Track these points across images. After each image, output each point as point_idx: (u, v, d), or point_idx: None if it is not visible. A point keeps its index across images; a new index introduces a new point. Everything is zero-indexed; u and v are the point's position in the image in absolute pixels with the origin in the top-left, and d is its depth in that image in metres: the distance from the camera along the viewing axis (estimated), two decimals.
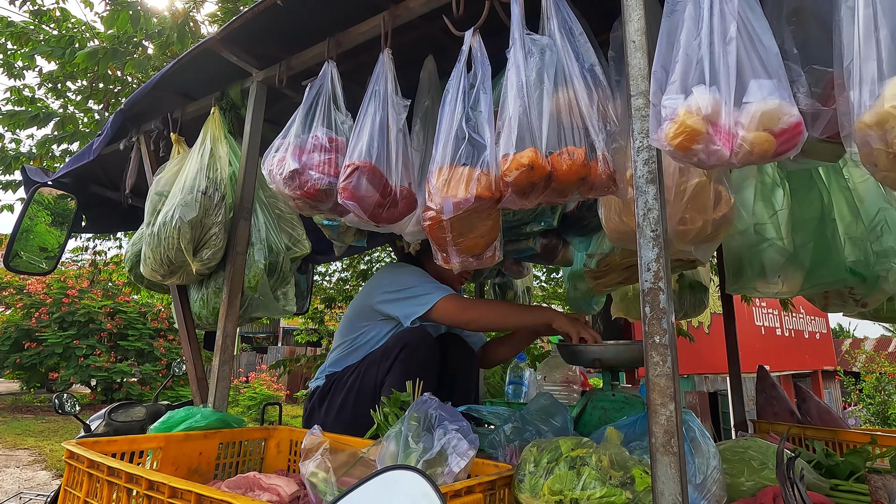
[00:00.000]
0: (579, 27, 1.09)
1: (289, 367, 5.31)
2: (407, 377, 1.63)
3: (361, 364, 1.83)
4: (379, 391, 1.71)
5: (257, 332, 18.10)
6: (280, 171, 1.28)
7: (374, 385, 1.74)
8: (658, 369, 0.79)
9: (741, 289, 1.77)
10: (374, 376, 1.75)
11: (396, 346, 1.74)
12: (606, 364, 1.82)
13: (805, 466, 1.23)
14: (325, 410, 1.83)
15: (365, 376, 1.77)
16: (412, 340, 1.73)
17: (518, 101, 1.03)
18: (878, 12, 0.71)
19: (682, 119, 0.77)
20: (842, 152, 1.18)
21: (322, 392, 1.89)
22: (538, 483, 0.96)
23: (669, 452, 0.77)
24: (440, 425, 1.06)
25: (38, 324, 9.26)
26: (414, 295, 1.83)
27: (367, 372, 1.78)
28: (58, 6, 4.00)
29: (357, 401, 1.76)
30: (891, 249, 1.50)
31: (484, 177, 1.07)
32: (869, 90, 0.72)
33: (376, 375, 1.74)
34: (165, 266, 1.60)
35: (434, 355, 1.76)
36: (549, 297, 5.72)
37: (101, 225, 2.91)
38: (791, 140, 0.79)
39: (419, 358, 1.70)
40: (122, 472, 0.96)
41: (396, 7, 1.39)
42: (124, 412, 1.99)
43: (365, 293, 2.01)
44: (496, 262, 1.23)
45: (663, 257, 0.82)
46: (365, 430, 1.48)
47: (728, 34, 0.79)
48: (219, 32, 1.57)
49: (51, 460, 5.63)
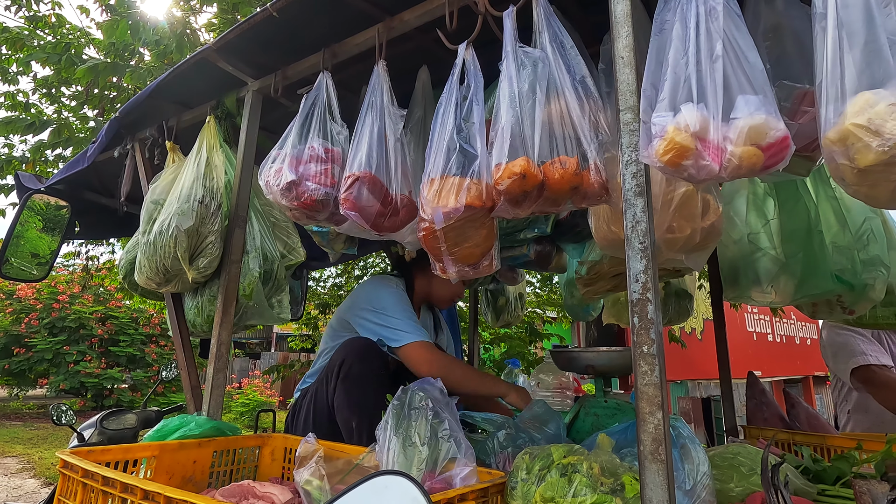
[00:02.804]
0: (570, 40, 1.11)
1: (282, 373, 5.30)
2: (350, 393, 1.61)
3: (314, 383, 1.78)
4: (331, 410, 1.66)
5: (250, 337, 17.97)
6: (277, 182, 1.29)
7: (327, 406, 1.69)
8: (646, 378, 0.81)
9: (738, 297, 1.80)
10: (324, 397, 1.70)
11: (335, 363, 1.68)
12: (599, 370, 1.84)
13: (792, 472, 1.25)
14: (294, 428, 1.79)
15: (318, 396, 1.72)
16: (347, 355, 1.66)
17: (511, 112, 1.05)
18: (843, 35, 0.75)
19: (671, 136, 0.79)
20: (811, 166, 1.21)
21: (294, 407, 1.85)
22: (530, 490, 0.98)
23: (657, 460, 0.78)
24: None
25: (27, 329, 9.15)
26: (388, 325, 1.77)
27: (318, 393, 1.73)
28: (53, 12, 4.00)
29: (315, 421, 1.71)
30: (877, 258, 1.53)
31: (474, 186, 1.08)
32: (834, 108, 0.75)
33: (326, 396, 1.69)
34: (161, 274, 1.60)
35: (372, 365, 1.66)
36: (543, 302, 5.75)
37: (94, 231, 2.90)
38: (778, 154, 0.82)
39: (356, 372, 1.63)
40: (118, 482, 0.97)
41: (391, 19, 1.41)
42: (116, 420, 1.99)
43: (346, 304, 1.97)
44: (493, 272, 1.25)
45: (651, 269, 0.84)
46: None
47: (715, 52, 0.82)
48: (215, 42, 1.58)
49: (40, 468, 5.56)
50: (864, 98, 0.72)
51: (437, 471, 1.05)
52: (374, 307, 1.83)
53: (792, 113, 0.99)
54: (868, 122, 0.71)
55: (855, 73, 0.73)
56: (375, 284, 1.98)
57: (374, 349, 1.71)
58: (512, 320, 3.12)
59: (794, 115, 0.99)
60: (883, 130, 0.70)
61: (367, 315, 1.82)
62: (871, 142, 0.71)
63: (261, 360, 14.16)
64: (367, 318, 1.81)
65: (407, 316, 1.82)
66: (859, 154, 0.72)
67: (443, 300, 2.14)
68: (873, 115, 0.71)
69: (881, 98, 0.71)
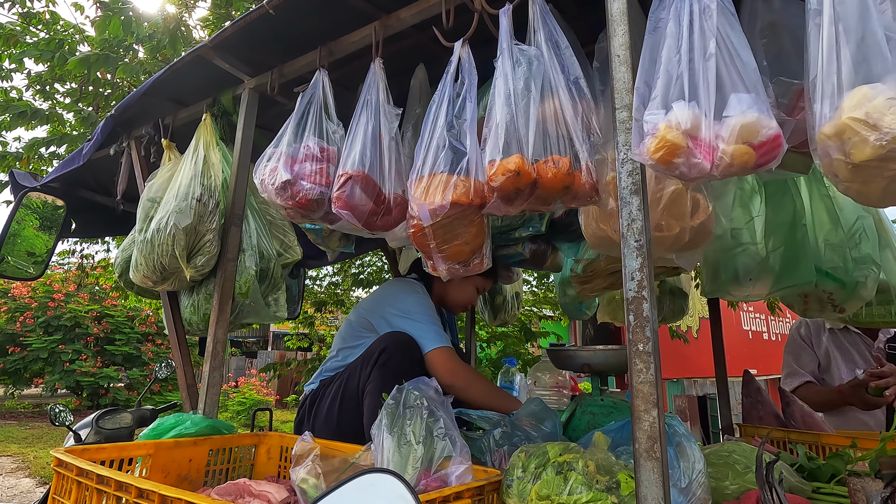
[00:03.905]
0: (565, 40, 1.12)
1: (279, 372, 5.29)
2: (385, 382, 1.60)
3: (346, 370, 1.81)
4: (361, 398, 1.69)
5: (247, 336, 17.96)
6: (272, 181, 1.29)
7: (357, 392, 1.71)
8: (642, 376, 0.81)
9: (716, 291, 1.81)
10: (356, 383, 1.72)
11: (375, 351, 1.71)
12: (595, 369, 1.84)
13: (787, 470, 1.25)
14: (314, 416, 1.82)
15: (348, 383, 1.75)
16: (389, 345, 1.70)
17: (506, 109, 1.05)
18: (841, 29, 0.74)
19: (662, 134, 0.79)
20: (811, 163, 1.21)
21: (313, 397, 1.88)
22: (526, 488, 0.98)
23: (652, 458, 0.78)
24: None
25: (22, 328, 9.12)
26: (414, 330, 1.78)
27: (349, 378, 1.76)
28: (47, 9, 3.97)
29: (341, 408, 1.74)
30: (868, 256, 1.54)
31: (461, 183, 1.08)
32: (829, 103, 0.75)
33: (358, 382, 1.71)
34: (158, 272, 1.60)
35: (411, 359, 1.71)
36: (539, 301, 5.76)
37: (90, 229, 2.89)
38: (770, 152, 0.82)
39: (395, 363, 1.66)
40: (112, 481, 0.96)
41: (388, 17, 1.41)
42: (111, 418, 1.98)
43: (369, 305, 1.98)
44: (484, 270, 1.25)
45: (647, 267, 0.84)
46: (349, 437, 1.46)
47: (708, 50, 0.82)
48: (211, 40, 1.57)
49: (35, 467, 5.54)
50: (862, 92, 0.72)
51: (432, 469, 1.05)
52: (400, 311, 1.84)
53: (790, 109, 0.99)
54: (866, 115, 0.70)
55: (851, 68, 0.73)
56: (401, 287, 2.00)
57: (414, 346, 1.74)
58: (509, 319, 3.12)
59: (791, 111, 0.99)
60: (881, 124, 0.69)
61: (393, 319, 1.83)
62: (868, 136, 0.70)
63: (257, 359, 14.14)
64: (393, 322, 1.82)
65: (433, 321, 1.83)
66: (856, 148, 0.72)
67: (457, 305, 2.15)
68: (871, 108, 0.70)
69: (879, 92, 0.71)
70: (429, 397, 1.14)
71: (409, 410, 1.11)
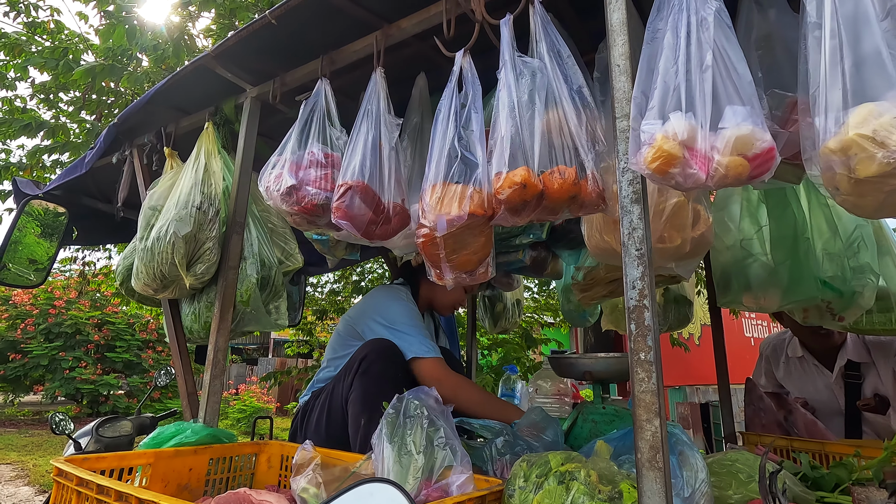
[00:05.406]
0: (567, 50, 1.12)
1: (279, 379, 5.27)
2: (367, 391, 1.61)
3: (332, 381, 1.79)
4: (345, 408, 1.67)
5: (247, 343, 17.93)
6: (277, 187, 1.30)
7: (341, 402, 1.69)
8: (643, 385, 0.81)
9: (730, 302, 1.81)
10: (340, 393, 1.70)
11: (356, 359, 1.70)
12: (597, 377, 1.84)
13: (791, 479, 1.24)
14: (305, 428, 1.80)
15: (334, 393, 1.74)
16: (370, 352, 1.68)
17: (510, 121, 1.06)
18: (843, 43, 0.75)
19: (659, 144, 0.80)
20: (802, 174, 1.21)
21: (304, 409, 1.86)
22: (528, 498, 0.97)
23: (655, 468, 0.78)
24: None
25: (23, 335, 9.11)
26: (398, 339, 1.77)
27: (335, 388, 1.74)
28: (52, 18, 4.01)
29: (329, 418, 1.72)
30: (867, 266, 1.54)
31: (477, 194, 1.09)
32: (834, 117, 0.75)
33: (342, 392, 1.70)
34: (158, 280, 1.60)
35: (393, 366, 1.69)
36: (540, 308, 5.75)
37: (92, 237, 2.90)
38: (764, 164, 0.82)
39: (376, 370, 1.64)
40: (112, 490, 0.96)
41: (389, 27, 1.42)
42: (111, 427, 1.97)
43: (355, 313, 1.97)
44: (488, 279, 1.25)
45: (648, 275, 0.84)
46: (338, 447, 1.45)
47: (704, 62, 0.82)
48: (213, 49, 1.59)
49: (34, 475, 5.51)
50: (868, 109, 0.72)
51: (433, 479, 1.04)
52: (385, 320, 1.83)
53: (783, 121, 0.99)
54: (873, 133, 0.70)
55: (856, 83, 0.73)
56: (385, 296, 1.98)
57: (396, 351, 1.73)
58: (510, 326, 3.12)
59: (784, 123, 0.99)
60: (889, 142, 0.69)
61: (378, 328, 1.82)
62: (875, 153, 0.70)
63: (258, 366, 14.11)
64: (377, 331, 1.81)
65: (418, 330, 1.82)
66: (861, 164, 0.72)
67: (445, 307, 2.14)
68: (878, 126, 0.70)
69: (885, 109, 0.71)
70: (429, 406, 1.14)
71: (409, 420, 1.11)
